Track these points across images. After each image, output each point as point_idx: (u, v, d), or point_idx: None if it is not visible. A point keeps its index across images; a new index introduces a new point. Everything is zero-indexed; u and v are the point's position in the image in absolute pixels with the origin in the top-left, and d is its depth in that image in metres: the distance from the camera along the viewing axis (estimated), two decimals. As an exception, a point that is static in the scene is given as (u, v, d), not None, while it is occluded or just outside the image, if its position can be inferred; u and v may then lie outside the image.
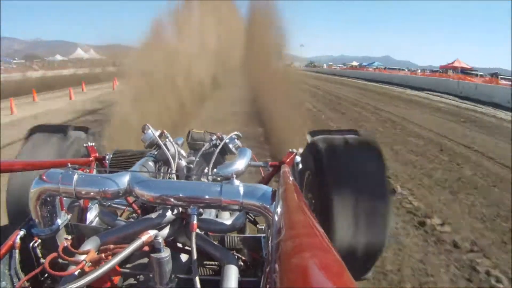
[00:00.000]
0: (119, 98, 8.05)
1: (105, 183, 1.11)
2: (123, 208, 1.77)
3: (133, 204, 1.57)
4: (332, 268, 0.51)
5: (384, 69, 50.14)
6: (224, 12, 13.14)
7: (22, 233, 1.15)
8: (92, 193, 1.10)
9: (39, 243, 1.17)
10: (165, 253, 0.98)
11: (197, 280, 0.96)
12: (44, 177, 1.10)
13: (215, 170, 1.44)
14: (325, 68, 62.29)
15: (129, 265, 1.12)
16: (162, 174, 1.54)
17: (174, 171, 1.44)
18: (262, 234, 1.36)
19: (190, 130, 1.80)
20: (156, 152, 1.57)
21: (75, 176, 1.09)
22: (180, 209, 1.17)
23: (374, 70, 46.79)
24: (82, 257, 0.98)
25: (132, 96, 6.98)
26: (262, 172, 2.16)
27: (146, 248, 1.01)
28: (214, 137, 1.71)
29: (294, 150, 1.97)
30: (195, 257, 0.98)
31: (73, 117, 9.75)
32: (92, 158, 1.90)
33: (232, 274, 1.04)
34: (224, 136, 1.67)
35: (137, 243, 0.98)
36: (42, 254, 1.16)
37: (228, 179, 1.13)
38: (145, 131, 1.59)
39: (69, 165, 1.15)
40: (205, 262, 1.22)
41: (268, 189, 1.09)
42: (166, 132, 1.58)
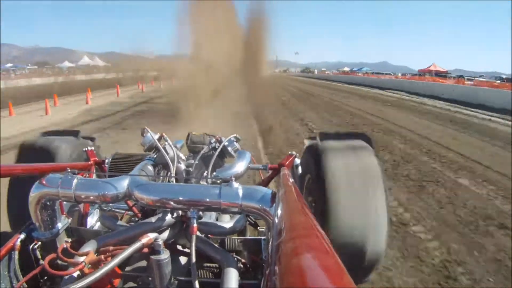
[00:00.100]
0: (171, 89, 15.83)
1: (105, 187, 1.12)
2: (124, 212, 1.79)
3: (134, 208, 1.58)
4: (332, 270, 0.51)
5: (372, 74, 54.38)
6: (230, 26, 18.26)
7: (23, 236, 1.15)
8: (92, 197, 1.11)
9: (39, 246, 1.17)
10: (165, 255, 0.98)
11: (197, 283, 0.95)
12: (44, 182, 1.11)
13: (215, 173, 1.45)
14: (316, 74, 67.45)
15: (129, 268, 1.12)
16: (162, 178, 1.52)
17: (174, 175, 1.44)
18: (263, 237, 1.35)
19: (190, 133, 1.80)
20: (155, 156, 1.58)
21: (75, 181, 1.10)
22: (180, 212, 1.18)
23: (364, 75, 50.91)
24: (82, 259, 0.98)
25: (177, 89, 13.94)
26: (261, 175, 2.16)
27: (146, 250, 1.02)
28: (213, 140, 1.72)
29: (294, 153, 1.95)
30: (194, 260, 0.97)
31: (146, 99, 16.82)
32: (92, 162, 1.89)
33: (232, 277, 1.03)
34: (223, 139, 1.67)
35: (137, 245, 0.98)
36: (42, 257, 1.15)
37: (227, 182, 1.11)
38: (144, 135, 1.60)
39: (69, 170, 1.15)
40: (205, 264, 1.21)
41: (268, 191, 1.09)
42: (165, 135, 1.58)
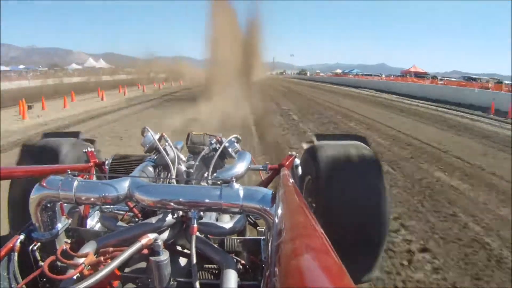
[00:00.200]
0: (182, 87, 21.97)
1: (105, 189, 1.12)
2: (124, 213, 1.78)
3: (134, 209, 1.57)
4: (332, 271, 0.51)
5: (362, 75, 58.18)
6: (233, 30, 25.34)
7: (22, 237, 1.15)
8: (92, 199, 1.11)
9: (38, 247, 1.17)
10: (164, 256, 0.99)
11: (197, 284, 0.95)
12: (44, 184, 1.11)
13: (215, 174, 1.46)
14: (308, 75, 71.53)
15: (128, 269, 1.12)
16: (162, 180, 1.52)
17: (174, 176, 1.44)
18: (262, 237, 1.35)
19: (190, 133, 1.80)
20: (156, 157, 1.57)
21: (75, 183, 1.10)
22: (181, 213, 1.19)
23: (354, 76, 54.55)
24: (81, 260, 0.97)
25: (188, 86, 20.51)
26: (262, 176, 2.18)
27: (145, 251, 1.02)
28: (214, 140, 1.72)
29: (294, 153, 1.97)
30: (195, 261, 0.97)
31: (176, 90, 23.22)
32: (92, 164, 1.89)
33: (232, 278, 1.03)
34: (224, 139, 1.67)
35: (136, 246, 0.98)
36: (41, 258, 1.16)
37: (228, 183, 1.12)
38: (145, 134, 1.59)
39: (69, 172, 1.15)
40: (205, 266, 1.21)
41: (268, 192, 1.09)
42: (166, 136, 1.58)
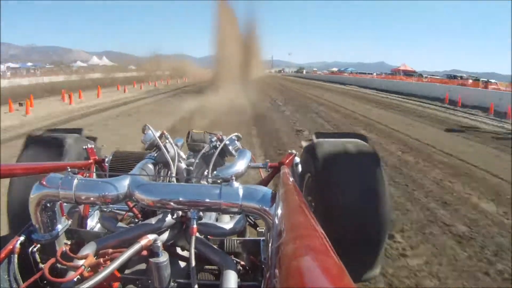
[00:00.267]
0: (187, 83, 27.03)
1: (105, 188, 1.11)
2: (124, 213, 1.77)
3: (134, 209, 1.56)
4: (332, 271, 0.51)
5: (356, 74, 61.20)
6: (234, 30, 30.72)
7: (22, 239, 1.14)
8: (92, 198, 1.11)
9: (38, 248, 1.17)
10: (164, 258, 0.99)
11: (196, 286, 0.95)
12: (44, 182, 1.10)
13: (215, 172, 1.45)
14: (304, 73, 74.77)
15: (129, 271, 1.12)
16: (162, 177, 1.52)
17: (174, 174, 1.44)
18: (262, 238, 1.34)
19: (190, 131, 1.79)
20: (156, 154, 1.57)
21: (75, 181, 1.09)
22: (180, 213, 1.18)
23: (349, 75, 57.52)
24: (81, 262, 0.97)
25: (193, 82, 25.89)
26: (262, 174, 2.16)
27: (145, 253, 1.02)
28: (214, 138, 1.71)
29: (294, 152, 1.96)
30: (194, 262, 0.97)
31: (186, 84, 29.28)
32: (92, 161, 1.88)
33: (232, 279, 1.03)
34: (224, 137, 1.66)
35: (136, 247, 0.98)
36: (41, 259, 1.16)
37: (228, 181, 1.12)
38: (145, 132, 1.59)
39: (69, 169, 1.15)
40: (205, 267, 1.21)
41: (268, 191, 1.09)
42: (166, 133, 1.58)
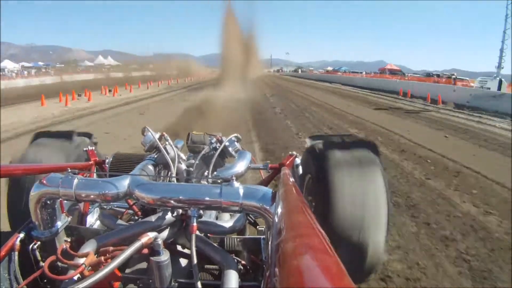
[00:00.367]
0: (194, 81, 32.81)
1: (105, 187, 1.12)
2: (124, 211, 1.77)
3: (134, 206, 1.57)
4: (332, 271, 0.52)
5: (349, 73, 65.26)
6: (235, 31, 38.30)
7: (22, 236, 1.14)
8: (92, 196, 1.11)
9: (39, 246, 1.16)
10: (165, 256, 0.99)
11: (199, 284, 0.95)
12: (45, 182, 1.11)
13: (215, 173, 1.46)
14: (299, 73, 78.96)
15: (129, 270, 1.12)
16: (162, 178, 1.52)
17: (174, 175, 1.44)
18: (262, 236, 1.34)
19: (190, 133, 1.80)
20: (156, 156, 1.58)
21: (75, 181, 1.10)
22: (180, 211, 1.18)
23: (342, 74, 61.44)
24: (81, 260, 0.97)
25: (200, 81, 32.21)
26: (262, 175, 2.19)
27: (146, 251, 1.02)
28: (214, 140, 1.72)
29: (294, 153, 1.98)
30: (195, 261, 0.97)
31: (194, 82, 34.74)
32: (92, 162, 1.88)
33: (232, 279, 1.03)
34: (224, 138, 1.67)
35: (136, 245, 0.98)
36: (41, 257, 1.15)
37: (228, 182, 1.12)
38: (145, 134, 1.59)
39: (69, 170, 1.15)
40: (205, 266, 1.21)
41: (268, 191, 1.10)
42: (166, 135, 1.58)
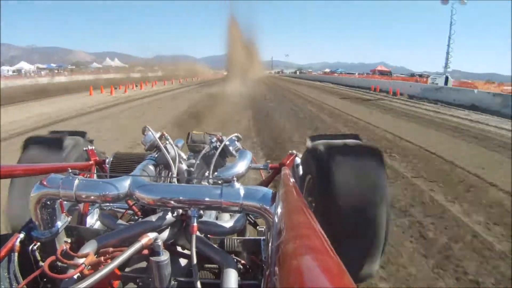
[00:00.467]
0: (201, 81, 37.65)
1: (106, 188, 1.12)
2: (124, 211, 1.77)
3: (134, 207, 1.58)
4: (332, 271, 0.52)
5: (344, 74, 69.18)
6: (240, 42, 46.71)
7: (22, 236, 1.14)
8: (93, 197, 1.12)
9: (38, 246, 1.16)
10: (164, 256, 0.99)
11: (198, 284, 0.96)
12: (45, 182, 1.11)
13: (216, 173, 1.46)
14: (297, 74, 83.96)
15: (129, 269, 1.12)
16: (163, 178, 1.53)
17: (175, 175, 1.44)
18: (262, 237, 1.34)
19: (190, 132, 1.80)
20: (156, 155, 1.58)
21: (76, 181, 1.10)
22: (180, 211, 1.19)
23: (339, 75, 65.36)
24: (81, 260, 0.97)
25: (206, 80, 37.74)
26: (262, 175, 2.17)
27: (146, 251, 1.02)
28: (214, 139, 1.71)
29: (294, 152, 1.97)
30: (195, 261, 0.98)
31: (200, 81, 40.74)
32: (92, 162, 1.88)
33: (232, 277, 1.04)
34: (224, 138, 1.67)
35: (136, 246, 0.98)
36: (41, 257, 1.16)
37: (229, 182, 1.13)
38: (145, 133, 1.59)
39: (69, 170, 1.15)
40: (205, 265, 1.22)
41: (268, 191, 1.10)
42: (166, 134, 1.59)
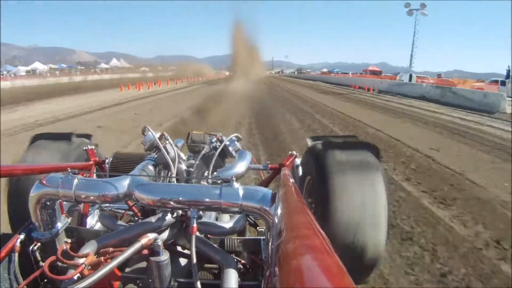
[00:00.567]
0: (206, 81, 42.57)
1: (105, 187, 1.12)
2: (124, 212, 1.77)
3: (134, 208, 1.58)
4: (332, 271, 0.51)
5: (341, 74, 72.43)
6: (242, 45, 53.27)
7: (22, 237, 1.14)
8: (92, 197, 1.12)
9: (39, 247, 1.17)
10: (164, 257, 0.99)
11: (198, 284, 0.95)
12: (44, 182, 1.11)
13: (215, 173, 1.46)
14: (295, 74, 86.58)
15: (129, 269, 1.12)
16: (162, 178, 1.52)
17: (174, 175, 1.44)
18: (262, 237, 1.35)
19: (190, 132, 1.79)
20: (156, 156, 1.58)
21: (75, 181, 1.10)
22: (180, 212, 1.19)
23: (335, 75, 68.34)
24: (81, 261, 0.97)
25: (211, 80, 44.57)
26: (262, 175, 2.17)
27: (146, 252, 1.02)
28: (214, 139, 1.71)
29: (294, 153, 1.97)
30: (195, 261, 0.97)
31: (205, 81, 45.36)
32: (92, 162, 1.88)
33: (232, 278, 1.04)
34: (224, 138, 1.66)
35: (136, 246, 0.99)
36: (42, 258, 1.16)
37: (228, 182, 1.13)
38: (145, 133, 1.59)
39: (69, 170, 1.15)
40: (205, 265, 1.21)
41: (268, 192, 1.10)
42: (166, 134, 1.58)
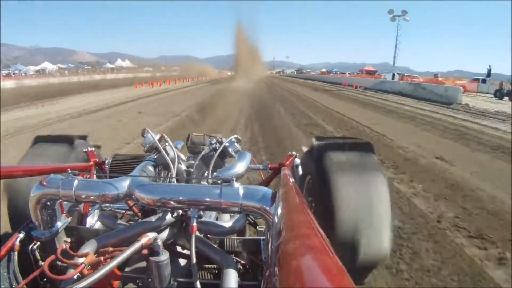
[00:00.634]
0: (209, 80, 45.24)
1: (105, 188, 1.13)
2: (124, 211, 1.79)
3: (134, 207, 1.59)
4: (332, 271, 0.52)
5: (339, 73, 74.87)
6: (244, 47, 60.51)
7: (22, 236, 1.15)
8: (92, 197, 1.12)
9: (38, 246, 1.17)
10: (164, 256, 0.99)
11: (198, 284, 0.96)
12: (45, 183, 1.12)
13: (215, 174, 1.47)
14: (294, 73, 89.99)
15: (128, 269, 1.12)
16: (162, 179, 1.54)
17: (174, 175, 1.45)
18: (262, 237, 1.35)
19: (190, 134, 1.81)
20: (156, 157, 1.59)
21: (75, 182, 1.11)
22: (180, 212, 1.19)
23: (333, 75, 70.67)
24: (81, 260, 0.98)
25: (214, 79, 48.11)
26: (262, 175, 2.21)
27: (145, 251, 1.03)
28: (214, 141, 1.73)
29: (294, 153, 1.98)
30: (195, 261, 0.98)
31: (209, 80, 49.30)
32: (92, 163, 1.89)
33: (232, 278, 1.04)
34: (224, 139, 1.68)
35: (136, 246, 0.99)
36: (41, 257, 1.16)
37: (228, 182, 1.13)
38: (145, 135, 1.60)
39: (69, 171, 1.16)
40: (204, 266, 1.21)
41: (268, 191, 1.10)
42: (166, 136, 1.59)
